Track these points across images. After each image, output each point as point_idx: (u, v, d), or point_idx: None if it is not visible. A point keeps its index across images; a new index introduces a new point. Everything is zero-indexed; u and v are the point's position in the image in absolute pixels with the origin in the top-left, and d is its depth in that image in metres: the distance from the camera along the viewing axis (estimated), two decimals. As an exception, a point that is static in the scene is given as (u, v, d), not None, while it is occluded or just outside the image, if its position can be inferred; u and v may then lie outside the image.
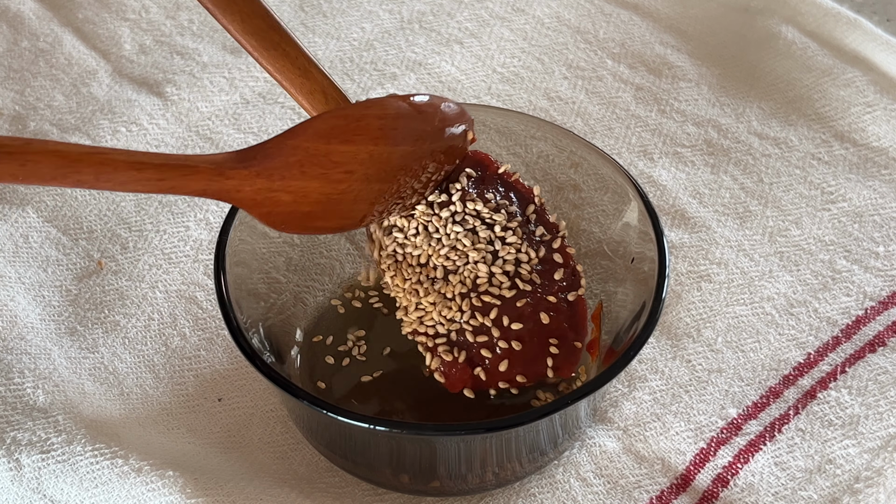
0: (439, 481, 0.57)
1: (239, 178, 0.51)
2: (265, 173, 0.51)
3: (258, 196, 0.51)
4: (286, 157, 0.51)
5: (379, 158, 0.53)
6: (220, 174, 0.50)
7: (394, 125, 0.53)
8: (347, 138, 0.52)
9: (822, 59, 0.77)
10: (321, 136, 0.52)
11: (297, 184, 0.52)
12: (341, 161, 0.52)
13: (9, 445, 0.57)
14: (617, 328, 0.59)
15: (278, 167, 0.51)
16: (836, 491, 0.57)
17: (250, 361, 0.53)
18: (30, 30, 0.81)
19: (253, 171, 0.51)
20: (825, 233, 0.68)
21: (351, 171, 0.53)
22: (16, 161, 0.44)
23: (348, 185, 0.53)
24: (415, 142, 0.54)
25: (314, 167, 0.52)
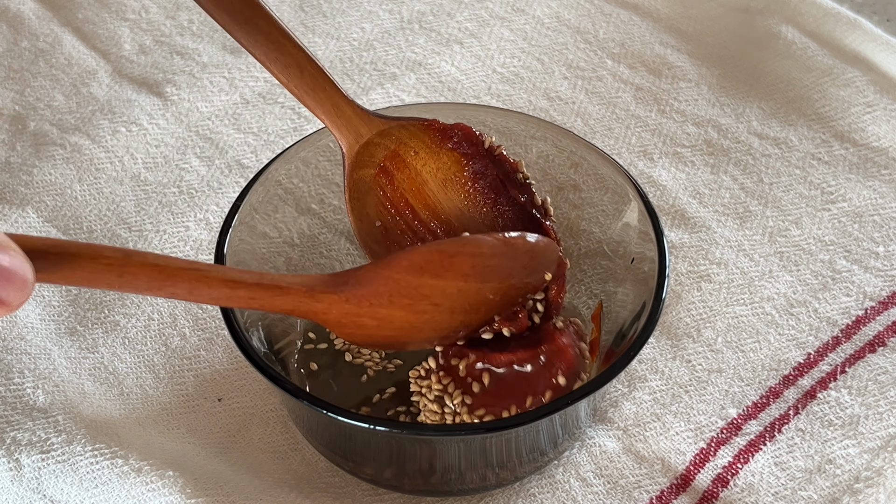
0: (439, 481, 0.57)
1: (328, 302, 0.51)
2: (355, 300, 0.52)
3: (344, 319, 0.52)
4: (377, 286, 0.52)
5: (467, 294, 0.54)
6: (311, 297, 0.51)
7: (486, 263, 0.54)
8: (439, 273, 0.53)
9: (822, 59, 0.77)
10: (415, 269, 0.53)
11: (383, 311, 0.53)
12: (430, 294, 0.53)
13: (9, 445, 0.57)
14: (617, 328, 0.59)
15: (368, 295, 0.52)
16: (836, 491, 0.57)
17: (250, 361, 0.53)
18: (30, 30, 0.81)
19: (343, 296, 0.52)
20: (825, 233, 0.68)
21: (438, 304, 0.53)
22: (114, 273, 0.45)
23: (433, 316, 0.54)
24: (503, 279, 0.55)
25: (403, 298, 0.53)
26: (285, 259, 0.62)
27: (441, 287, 0.53)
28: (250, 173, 0.71)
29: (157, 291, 0.47)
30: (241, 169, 0.72)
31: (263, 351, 0.57)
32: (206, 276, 0.48)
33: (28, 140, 0.73)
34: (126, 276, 0.45)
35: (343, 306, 0.52)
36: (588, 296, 0.63)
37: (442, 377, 0.57)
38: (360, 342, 0.55)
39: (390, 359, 0.61)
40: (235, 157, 0.73)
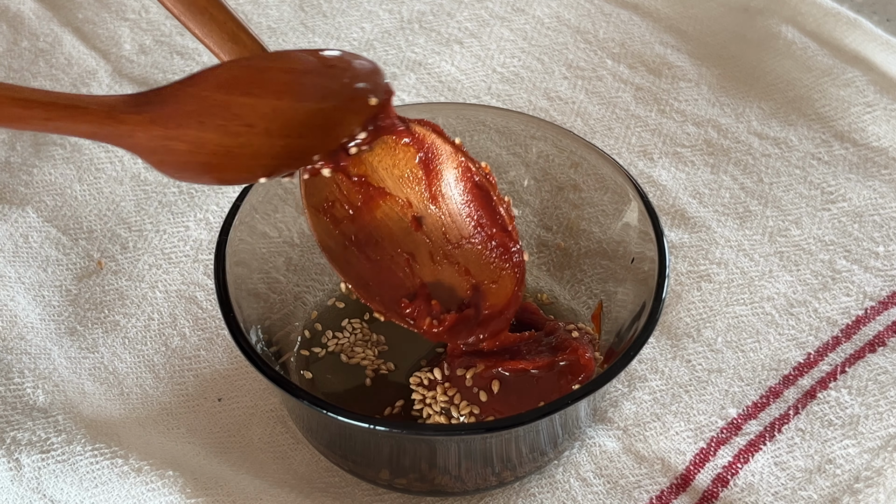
0: (439, 481, 0.57)
1: (132, 123, 0.48)
2: (160, 120, 0.48)
3: (152, 143, 0.49)
4: (183, 105, 0.49)
5: (283, 113, 0.51)
6: (112, 118, 0.47)
7: (300, 80, 0.51)
8: (249, 90, 0.50)
9: (822, 59, 0.77)
10: (222, 85, 0.50)
11: (193, 133, 0.49)
12: (241, 114, 0.50)
13: (9, 445, 0.57)
14: (617, 328, 0.59)
15: (174, 115, 0.49)
16: (836, 491, 0.57)
17: (250, 361, 0.53)
18: (30, 30, 0.81)
19: (147, 116, 0.48)
20: (825, 233, 0.68)
21: (251, 124, 0.50)
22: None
23: (247, 139, 0.50)
24: (322, 99, 0.52)
25: (212, 118, 0.49)
26: (285, 259, 0.62)
27: (253, 105, 0.50)
28: (250, 173, 0.70)
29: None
30: (241, 169, 0.72)
31: (263, 351, 0.57)
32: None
33: (28, 140, 0.73)
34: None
35: (149, 128, 0.48)
36: (588, 296, 0.63)
37: (447, 388, 0.57)
38: (175, 173, 0.51)
39: (385, 359, 0.61)
40: (235, 156, 0.73)
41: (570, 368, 0.56)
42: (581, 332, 0.59)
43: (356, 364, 0.60)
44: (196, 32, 0.55)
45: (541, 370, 0.56)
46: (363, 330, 0.62)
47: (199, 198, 0.70)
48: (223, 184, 0.54)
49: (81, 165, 0.72)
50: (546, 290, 0.64)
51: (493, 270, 0.57)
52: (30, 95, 0.46)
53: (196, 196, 0.70)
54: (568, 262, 0.64)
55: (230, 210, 0.58)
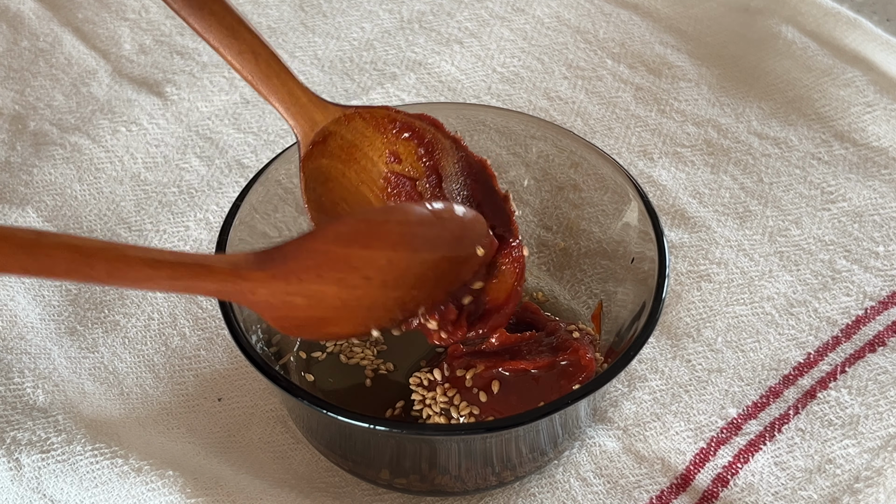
0: (439, 481, 0.57)
1: (255, 280, 0.49)
2: (282, 276, 0.50)
3: (273, 299, 0.50)
4: (304, 260, 0.50)
5: (398, 265, 0.52)
6: (237, 275, 0.49)
7: (414, 231, 0.52)
8: (367, 243, 0.51)
9: (822, 58, 0.77)
10: (342, 240, 0.51)
11: (313, 287, 0.50)
12: (360, 266, 0.51)
13: (9, 445, 0.57)
14: (617, 328, 0.59)
15: (295, 270, 0.50)
16: (836, 491, 0.57)
17: (250, 361, 0.53)
18: (30, 30, 0.81)
19: (269, 273, 0.49)
20: (825, 233, 0.68)
21: (369, 277, 0.51)
22: (26, 255, 0.44)
23: (365, 292, 0.51)
24: (433, 249, 0.53)
25: (332, 271, 0.50)
26: (285, 259, 0.62)
27: (370, 257, 0.51)
28: (250, 173, 0.71)
29: (74, 275, 0.44)
30: (241, 169, 0.72)
31: (263, 351, 0.57)
32: (125, 256, 0.45)
33: (28, 140, 0.73)
34: (40, 257, 0.43)
35: (271, 284, 0.49)
36: (588, 296, 0.63)
37: (447, 389, 0.57)
38: (294, 330, 0.52)
39: (385, 359, 0.61)
40: (235, 156, 0.73)
41: (570, 369, 0.56)
42: (582, 332, 0.59)
43: (355, 364, 0.60)
44: (196, 27, 0.55)
45: (541, 370, 0.56)
46: None
47: (199, 198, 0.70)
48: (337, 339, 0.56)
49: (81, 165, 0.72)
50: (546, 289, 0.64)
51: (493, 265, 0.57)
52: (158, 256, 0.47)
53: (196, 196, 0.70)
54: (568, 262, 0.64)
55: (230, 210, 0.58)
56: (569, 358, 0.56)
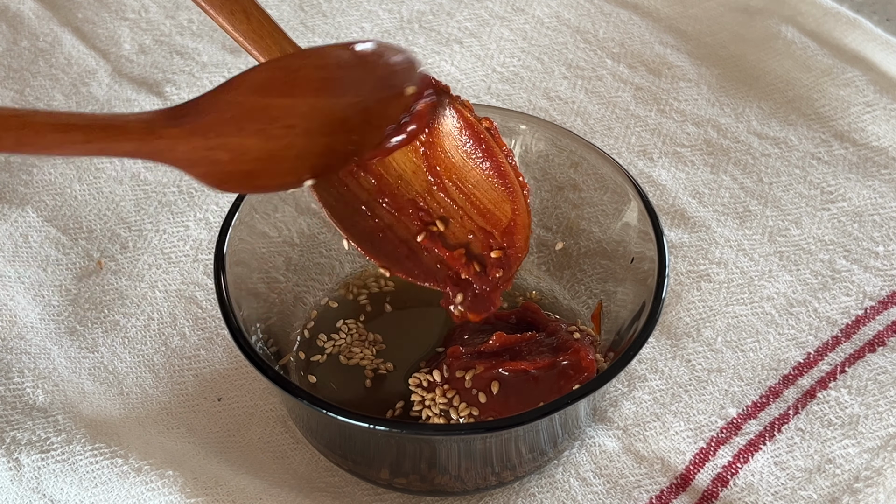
0: (439, 481, 0.57)
1: (171, 136, 0.47)
2: (200, 131, 0.47)
3: (194, 155, 0.48)
4: (221, 112, 0.48)
5: (321, 111, 0.50)
6: (151, 133, 0.46)
7: (335, 76, 0.50)
8: (286, 91, 0.49)
9: (821, 58, 0.77)
10: (257, 89, 0.49)
11: (234, 140, 0.48)
12: (280, 115, 0.49)
13: (8, 445, 0.57)
14: (617, 328, 0.59)
15: (213, 124, 0.48)
16: (835, 491, 0.57)
17: (250, 361, 0.53)
18: (29, 29, 0.81)
19: (186, 129, 0.47)
20: (825, 232, 0.68)
21: (291, 125, 0.49)
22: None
23: (290, 141, 0.49)
24: (359, 93, 0.51)
25: (252, 123, 0.49)
26: (285, 258, 0.62)
27: (291, 106, 0.49)
28: (250, 173, 0.70)
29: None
30: (240, 168, 0.72)
31: (263, 351, 0.57)
32: (33, 123, 0.44)
33: (28, 140, 0.73)
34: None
35: (189, 140, 0.47)
36: (588, 296, 0.63)
37: (447, 390, 0.57)
38: (220, 184, 0.49)
39: (384, 359, 0.61)
40: (235, 156, 0.72)
41: (570, 369, 0.56)
42: (582, 333, 0.59)
43: (355, 365, 0.60)
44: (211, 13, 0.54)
45: (541, 371, 0.56)
46: (359, 330, 0.62)
47: (198, 198, 0.70)
48: (269, 190, 0.53)
49: (81, 165, 0.72)
50: (546, 289, 0.64)
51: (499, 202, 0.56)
52: (67, 120, 0.45)
53: (196, 196, 0.70)
54: (568, 262, 0.64)
55: (230, 210, 0.58)
56: (569, 358, 0.56)
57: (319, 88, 0.50)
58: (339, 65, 0.51)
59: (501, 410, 0.56)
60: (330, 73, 0.51)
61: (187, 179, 0.71)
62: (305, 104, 0.50)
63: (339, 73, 0.51)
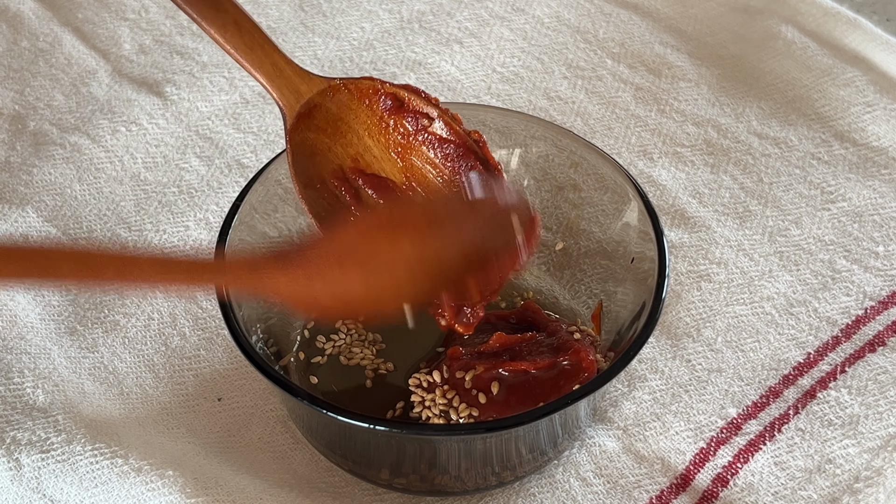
0: (439, 481, 0.57)
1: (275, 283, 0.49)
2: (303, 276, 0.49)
3: (296, 296, 0.50)
4: (324, 255, 0.50)
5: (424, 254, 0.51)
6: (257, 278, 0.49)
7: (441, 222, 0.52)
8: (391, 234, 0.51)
9: (821, 58, 0.77)
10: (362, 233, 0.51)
11: (336, 283, 0.50)
12: (383, 257, 0.50)
13: (8, 445, 0.57)
14: (617, 328, 0.59)
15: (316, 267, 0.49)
16: (835, 491, 0.57)
17: (250, 361, 0.53)
18: (29, 30, 0.81)
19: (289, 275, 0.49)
20: (825, 232, 0.68)
21: (393, 267, 0.51)
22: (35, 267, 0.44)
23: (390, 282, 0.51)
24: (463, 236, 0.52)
25: (354, 264, 0.50)
26: (285, 259, 0.62)
27: (395, 248, 0.50)
28: (250, 173, 0.70)
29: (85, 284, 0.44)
30: (240, 168, 0.72)
31: (263, 351, 0.57)
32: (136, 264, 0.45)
33: (28, 140, 0.73)
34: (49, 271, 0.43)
35: (292, 285, 0.49)
36: (588, 296, 0.63)
37: (447, 391, 0.57)
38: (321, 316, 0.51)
39: (384, 358, 0.61)
40: (235, 156, 0.73)
41: (571, 370, 0.56)
42: (583, 333, 0.59)
43: (356, 365, 0.60)
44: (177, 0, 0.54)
45: (541, 371, 0.56)
46: (358, 330, 0.62)
47: (198, 198, 0.70)
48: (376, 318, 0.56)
49: (81, 165, 0.72)
50: (546, 289, 0.64)
51: None
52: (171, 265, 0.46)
53: (196, 196, 0.70)
54: (568, 262, 0.64)
55: (230, 210, 0.58)
56: (569, 359, 0.56)
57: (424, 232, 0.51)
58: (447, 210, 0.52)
59: (501, 411, 0.56)
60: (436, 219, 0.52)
61: (187, 179, 0.71)
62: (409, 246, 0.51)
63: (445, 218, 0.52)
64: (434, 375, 0.57)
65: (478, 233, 0.53)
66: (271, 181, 0.61)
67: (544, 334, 0.59)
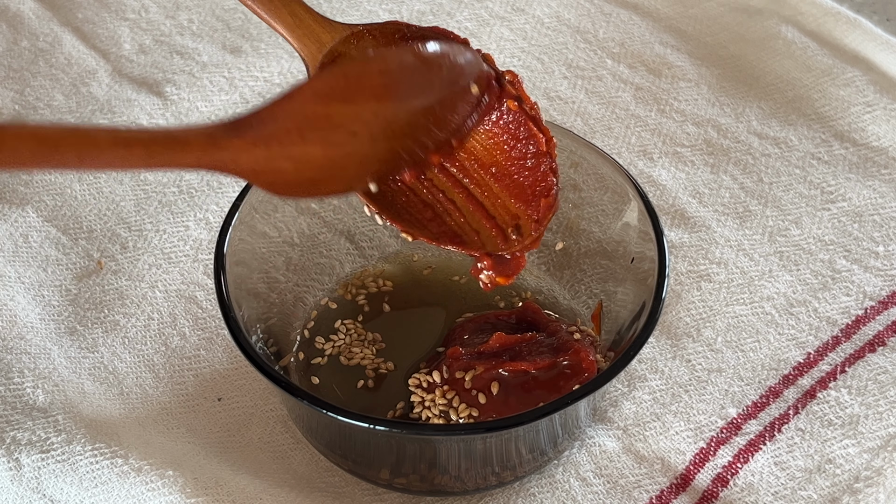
0: (439, 481, 0.57)
1: (234, 148, 0.46)
2: (262, 141, 0.47)
3: (257, 166, 0.47)
4: (283, 122, 0.47)
5: (385, 116, 0.49)
6: (214, 145, 0.46)
7: (398, 79, 0.50)
8: (348, 98, 0.48)
9: (821, 58, 0.77)
10: (319, 97, 0.48)
11: (297, 150, 0.48)
12: (343, 122, 0.48)
13: (8, 445, 0.57)
14: (617, 328, 0.59)
15: (275, 133, 0.47)
16: (835, 491, 0.57)
17: (250, 361, 0.53)
18: (29, 29, 0.81)
19: (248, 139, 0.47)
20: (825, 232, 0.68)
21: (354, 132, 0.49)
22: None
23: (353, 147, 0.49)
24: (421, 94, 0.50)
25: (314, 131, 0.48)
26: (285, 259, 0.62)
27: (354, 112, 0.49)
28: (250, 173, 0.70)
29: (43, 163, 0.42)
30: (240, 169, 0.72)
31: (263, 351, 0.57)
32: (94, 139, 0.43)
33: (28, 140, 0.73)
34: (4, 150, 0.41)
35: (252, 151, 0.47)
36: (588, 296, 0.63)
37: (446, 391, 0.57)
38: (284, 192, 0.49)
39: (384, 358, 0.61)
40: (235, 156, 0.72)
41: (571, 370, 0.56)
42: (583, 333, 0.59)
43: (356, 365, 0.60)
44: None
45: (541, 371, 0.56)
46: (357, 330, 0.62)
47: (198, 198, 0.70)
48: (333, 196, 0.53)
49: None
50: (546, 289, 0.64)
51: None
52: (128, 135, 0.45)
53: (196, 196, 0.70)
54: (568, 262, 0.64)
55: (230, 210, 0.58)
56: (569, 359, 0.56)
57: (382, 94, 0.49)
58: (402, 68, 0.50)
59: (501, 411, 0.56)
60: (392, 78, 0.50)
61: (187, 179, 0.71)
62: (368, 110, 0.49)
63: (401, 76, 0.50)
64: (434, 376, 0.57)
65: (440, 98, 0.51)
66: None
67: (544, 334, 0.59)
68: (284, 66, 0.78)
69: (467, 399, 0.56)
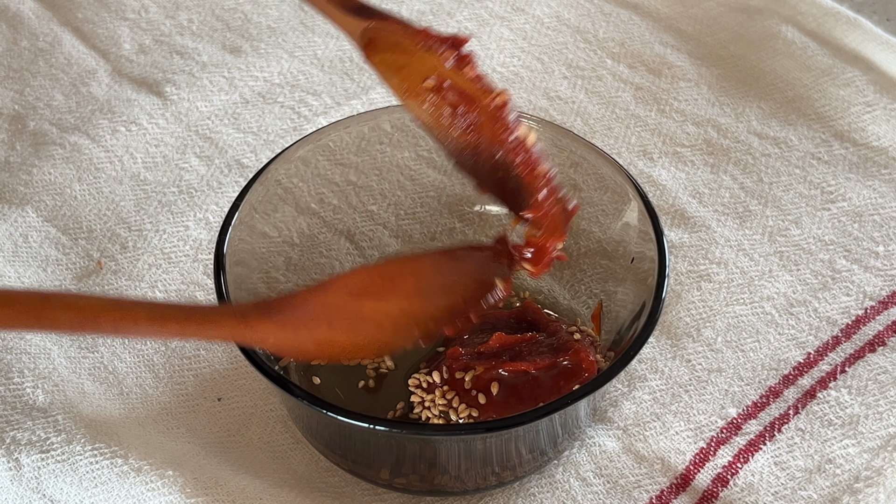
0: (439, 481, 0.57)
1: (263, 329, 0.50)
2: (290, 325, 0.50)
3: (283, 344, 0.51)
4: (312, 310, 0.51)
5: (411, 312, 0.52)
6: (245, 326, 0.50)
7: (429, 282, 0.53)
8: (380, 296, 0.52)
9: (821, 58, 0.77)
10: (352, 293, 0.51)
11: (323, 335, 0.51)
12: (371, 316, 0.51)
13: (8, 445, 0.57)
14: (617, 328, 0.59)
15: (304, 319, 0.51)
16: (835, 491, 0.57)
17: (250, 361, 0.53)
18: (29, 29, 0.81)
19: (277, 322, 0.50)
20: (825, 232, 0.68)
21: (381, 324, 0.52)
22: (31, 317, 0.45)
23: (376, 336, 0.52)
24: (448, 294, 0.53)
25: (341, 321, 0.51)
26: (285, 259, 0.62)
27: (383, 308, 0.52)
28: (250, 173, 0.70)
29: (79, 331, 0.46)
30: (240, 168, 0.72)
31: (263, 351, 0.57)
32: (132, 315, 0.47)
33: (28, 140, 0.73)
34: (45, 320, 0.45)
35: (279, 332, 0.50)
36: (588, 296, 0.63)
37: (446, 391, 0.57)
38: (305, 360, 0.54)
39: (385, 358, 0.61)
40: (235, 156, 0.73)
41: (571, 370, 0.56)
42: (583, 333, 0.59)
43: (356, 365, 0.60)
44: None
45: (541, 371, 0.56)
46: None
47: (198, 198, 0.70)
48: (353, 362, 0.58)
49: (81, 165, 0.72)
50: (546, 289, 0.64)
51: None
52: (164, 312, 0.48)
53: (196, 196, 0.70)
54: (568, 262, 0.64)
55: (230, 210, 0.58)
56: (569, 359, 0.56)
57: (412, 293, 0.52)
58: (435, 271, 0.53)
59: (501, 411, 0.56)
60: (424, 281, 0.53)
61: (187, 179, 0.71)
62: (396, 307, 0.52)
63: (432, 279, 0.53)
64: (434, 376, 0.57)
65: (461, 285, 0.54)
66: (271, 181, 0.61)
67: (544, 334, 0.59)
68: (284, 66, 0.78)
69: (467, 399, 0.56)
